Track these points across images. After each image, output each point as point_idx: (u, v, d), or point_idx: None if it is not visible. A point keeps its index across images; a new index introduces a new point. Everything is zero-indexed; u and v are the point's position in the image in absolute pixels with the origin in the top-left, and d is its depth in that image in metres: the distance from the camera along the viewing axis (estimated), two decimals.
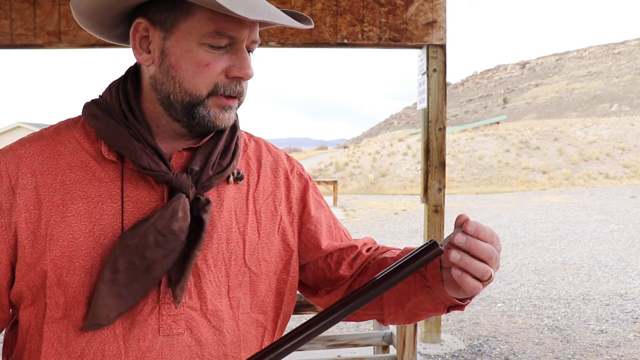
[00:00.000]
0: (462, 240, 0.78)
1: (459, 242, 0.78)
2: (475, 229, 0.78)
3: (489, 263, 0.78)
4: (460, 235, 0.78)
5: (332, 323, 0.79)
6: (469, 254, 0.78)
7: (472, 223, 0.78)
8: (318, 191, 1.12)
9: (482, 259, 0.78)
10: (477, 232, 0.78)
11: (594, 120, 39.14)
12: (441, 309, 0.91)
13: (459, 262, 0.78)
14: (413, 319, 0.99)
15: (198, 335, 0.90)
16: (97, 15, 0.92)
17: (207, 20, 0.85)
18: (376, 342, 3.55)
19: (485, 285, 0.80)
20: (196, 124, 0.90)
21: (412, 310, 0.96)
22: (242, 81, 0.91)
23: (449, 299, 0.88)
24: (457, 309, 0.91)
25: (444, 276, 0.87)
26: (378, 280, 0.80)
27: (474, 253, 0.78)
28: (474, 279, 0.78)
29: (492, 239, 0.79)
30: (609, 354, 4.57)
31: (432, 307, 0.92)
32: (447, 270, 0.85)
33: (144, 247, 0.85)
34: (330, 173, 31.23)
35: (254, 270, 0.96)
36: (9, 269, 0.89)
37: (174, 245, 0.87)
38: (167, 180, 0.89)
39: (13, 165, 0.90)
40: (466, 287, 0.79)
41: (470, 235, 0.78)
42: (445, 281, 0.87)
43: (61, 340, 0.87)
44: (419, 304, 0.93)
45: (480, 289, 0.80)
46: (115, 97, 0.93)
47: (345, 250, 1.05)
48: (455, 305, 0.89)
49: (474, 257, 0.78)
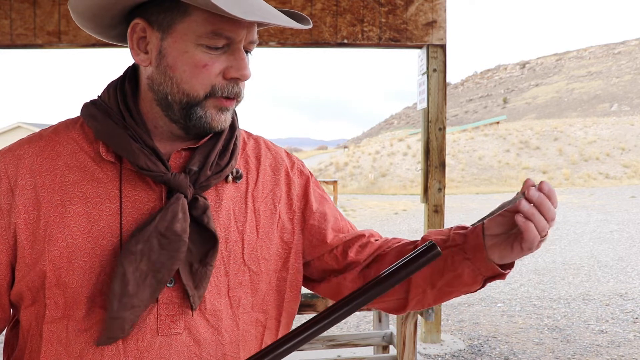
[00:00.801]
0: (535, 195, 0.82)
1: (531, 196, 0.82)
2: (549, 190, 0.83)
3: (550, 224, 0.83)
4: (534, 190, 0.82)
5: (332, 324, 0.79)
6: (538, 210, 0.82)
7: (547, 183, 0.83)
8: (320, 186, 1.11)
9: (547, 218, 0.82)
10: (549, 192, 0.83)
11: (594, 120, 39.15)
12: (479, 281, 0.92)
13: (527, 211, 0.81)
14: (442, 299, 0.98)
15: (197, 335, 0.90)
16: (95, 17, 0.92)
17: (204, 21, 0.85)
18: (376, 342, 3.55)
19: (539, 246, 0.84)
20: (193, 125, 0.90)
21: (443, 288, 0.96)
22: (239, 82, 0.91)
23: (491, 268, 0.89)
24: (497, 278, 0.92)
25: (488, 244, 0.88)
26: (375, 282, 0.80)
27: (541, 209, 0.82)
28: (535, 230, 0.82)
29: (557, 205, 0.84)
30: (609, 354, 4.57)
31: (469, 280, 0.92)
32: (492, 237, 0.88)
33: (149, 251, 0.85)
34: (330, 173, 31.23)
35: (253, 269, 0.96)
36: (8, 270, 0.89)
37: (177, 246, 0.87)
38: (166, 181, 0.89)
39: (12, 166, 0.90)
40: (528, 234, 0.82)
41: (543, 194, 0.82)
42: (490, 248, 0.88)
43: (61, 340, 0.87)
44: (454, 280, 0.93)
45: (536, 245, 0.83)
46: (113, 97, 0.93)
47: (352, 240, 1.05)
48: (494, 276, 0.91)
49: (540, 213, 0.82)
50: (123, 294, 0.84)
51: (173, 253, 0.86)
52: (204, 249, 0.90)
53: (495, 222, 0.88)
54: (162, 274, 0.86)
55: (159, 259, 0.85)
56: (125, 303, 0.84)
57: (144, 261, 0.85)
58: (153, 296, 0.86)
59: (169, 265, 0.86)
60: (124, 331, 0.85)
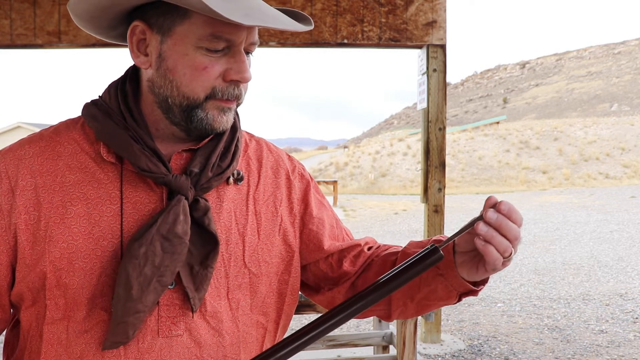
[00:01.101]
0: (493, 217, 0.79)
1: (489, 218, 0.79)
2: (509, 210, 0.80)
3: (512, 243, 0.81)
4: (492, 212, 0.80)
5: (333, 327, 0.79)
6: (498, 232, 0.80)
7: (506, 203, 0.80)
8: (320, 191, 1.11)
9: (508, 238, 0.80)
10: (509, 212, 0.80)
11: (594, 120, 39.15)
12: (453, 296, 0.91)
13: (485, 234, 0.79)
14: (422, 311, 0.99)
15: (197, 337, 0.90)
16: (93, 19, 0.92)
17: (204, 24, 0.84)
18: (376, 342, 3.55)
19: (505, 264, 0.82)
20: (194, 127, 0.90)
21: (422, 302, 0.96)
22: (240, 84, 0.90)
23: (463, 285, 0.89)
24: (471, 295, 0.91)
25: (458, 261, 0.88)
26: (378, 285, 0.80)
27: (502, 231, 0.80)
28: (496, 252, 0.80)
29: (521, 222, 0.82)
30: (609, 354, 4.57)
31: (444, 295, 0.92)
32: (461, 254, 0.87)
33: (153, 254, 0.84)
34: (330, 173, 31.23)
35: (253, 272, 0.96)
36: (9, 270, 0.89)
37: (179, 248, 0.86)
38: (166, 182, 0.88)
39: (13, 167, 0.90)
40: (489, 257, 0.80)
41: (502, 214, 0.80)
42: (460, 265, 0.88)
43: (61, 341, 0.87)
44: (430, 294, 0.93)
45: (500, 265, 0.81)
46: (114, 98, 0.93)
47: (347, 249, 1.05)
48: (468, 291, 0.90)
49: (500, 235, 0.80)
50: (127, 298, 0.83)
51: (175, 256, 0.86)
52: (205, 250, 0.90)
53: (464, 239, 0.87)
54: (165, 278, 0.86)
55: (162, 262, 0.85)
56: (129, 308, 0.83)
57: (147, 265, 0.84)
58: (156, 299, 0.86)
59: (172, 268, 0.86)
60: (129, 336, 0.85)
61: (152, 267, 0.84)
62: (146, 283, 0.84)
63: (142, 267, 0.84)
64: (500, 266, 0.81)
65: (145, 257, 0.84)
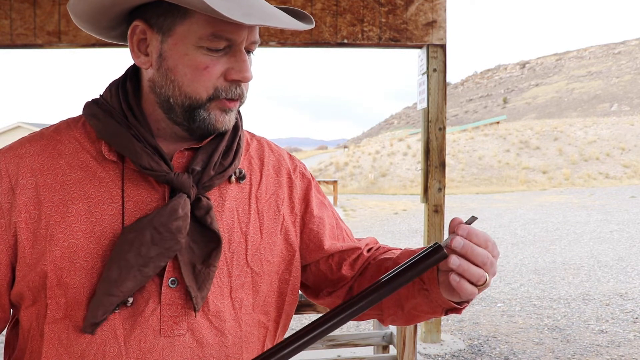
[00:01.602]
0: (459, 244, 0.78)
1: (456, 246, 0.78)
2: (467, 233, 0.79)
3: (483, 268, 0.79)
4: (458, 239, 0.78)
5: (335, 327, 0.78)
6: (465, 259, 0.78)
7: (464, 227, 0.79)
8: (321, 191, 1.11)
9: (477, 264, 0.79)
10: (469, 236, 0.79)
11: (594, 120, 39.15)
12: (439, 311, 0.91)
13: (458, 267, 0.78)
14: (412, 321, 0.99)
15: (199, 336, 0.89)
16: (93, 19, 0.91)
17: (204, 23, 0.84)
18: (376, 342, 3.55)
19: (480, 291, 0.81)
20: (197, 127, 0.90)
21: (410, 312, 0.96)
22: (241, 84, 0.90)
23: (446, 302, 0.88)
24: (455, 312, 0.90)
25: (440, 279, 0.86)
26: (381, 284, 0.80)
27: (469, 257, 0.78)
28: (470, 285, 0.79)
29: (487, 244, 0.80)
30: (609, 354, 4.57)
31: (429, 310, 0.92)
32: (444, 273, 0.86)
33: (140, 243, 0.84)
34: (330, 173, 31.24)
35: (256, 271, 0.96)
36: (9, 270, 0.89)
37: (170, 244, 0.86)
38: (168, 181, 0.88)
39: (13, 165, 0.89)
40: (463, 292, 0.80)
41: (467, 240, 0.78)
42: (442, 284, 0.86)
43: (62, 341, 0.86)
44: (417, 306, 0.93)
45: (476, 294, 0.80)
46: (116, 96, 0.92)
47: (347, 251, 1.05)
48: (452, 308, 0.89)
49: (470, 262, 0.78)
50: (106, 278, 0.83)
51: (163, 250, 0.85)
52: (207, 249, 0.89)
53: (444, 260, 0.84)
54: (147, 269, 0.85)
55: (147, 253, 0.84)
56: (105, 288, 0.83)
57: (132, 252, 0.84)
58: (134, 288, 0.85)
59: (157, 261, 0.85)
60: (97, 316, 0.84)
61: (137, 255, 0.84)
62: (126, 269, 0.83)
63: (125, 252, 0.84)
64: (476, 295, 0.80)
65: (131, 243, 0.84)
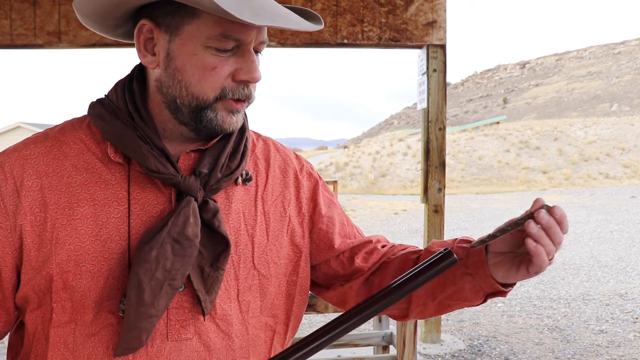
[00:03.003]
0: (545, 218, 0.80)
1: (541, 219, 0.80)
2: (561, 215, 0.81)
3: (557, 247, 0.81)
4: (544, 213, 0.80)
5: (345, 332, 0.78)
6: (546, 233, 0.80)
7: (559, 208, 0.81)
8: (328, 190, 1.10)
9: (554, 242, 0.81)
10: (561, 218, 0.81)
11: (594, 120, 39.15)
12: (479, 297, 0.91)
13: (536, 233, 0.79)
14: (443, 311, 0.98)
15: (207, 340, 0.89)
16: (100, 17, 0.90)
17: (213, 23, 0.83)
18: (376, 342, 3.55)
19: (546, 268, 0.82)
20: (203, 127, 0.89)
21: (444, 301, 0.95)
22: (249, 84, 0.89)
23: (492, 285, 0.88)
24: (498, 296, 0.91)
25: (491, 261, 0.87)
26: (393, 288, 0.80)
27: (549, 233, 0.80)
28: (545, 254, 0.80)
29: (567, 230, 0.82)
30: (609, 354, 4.57)
31: (469, 296, 0.91)
32: (496, 255, 0.87)
33: (164, 258, 0.83)
34: (330, 173, 31.23)
35: (263, 273, 0.95)
36: (14, 273, 0.88)
37: (190, 251, 0.85)
38: (175, 183, 0.87)
39: (18, 167, 0.88)
40: (537, 259, 0.80)
41: (554, 218, 0.80)
42: (494, 265, 0.87)
43: (68, 345, 0.86)
44: (455, 293, 0.92)
45: (545, 268, 0.82)
46: (122, 97, 0.91)
47: (358, 246, 1.04)
48: (495, 292, 0.90)
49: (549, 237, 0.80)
50: (140, 303, 0.82)
51: (186, 259, 0.84)
52: (215, 252, 0.89)
53: (501, 239, 0.86)
54: (176, 281, 0.84)
55: (173, 265, 0.83)
56: (142, 313, 0.82)
57: (159, 269, 0.82)
58: (167, 303, 0.84)
59: (183, 271, 0.85)
60: (142, 342, 0.83)
61: (164, 270, 0.83)
62: (158, 287, 0.82)
63: (153, 271, 0.82)
64: (546, 267, 0.82)
65: (157, 260, 0.82)
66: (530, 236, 0.80)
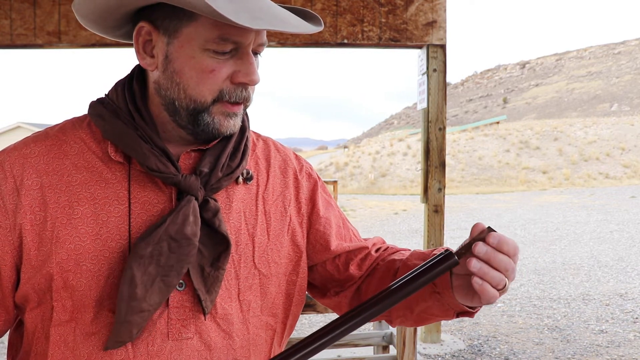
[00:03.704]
0: (482, 251, 0.78)
1: (479, 253, 0.78)
2: (498, 242, 0.78)
3: (505, 274, 0.79)
4: (482, 245, 0.78)
5: (346, 332, 0.78)
6: (488, 264, 0.78)
7: (495, 236, 0.78)
8: (327, 191, 1.10)
9: (500, 270, 0.78)
10: (499, 245, 0.78)
11: (594, 120, 39.16)
12: (450, 314, 0.91)
13: (478, 271, 0.77)
14: (421, 323, 0.98)
15: (207, 339, 0.89)
16: (99, 19, 0.90)
17: (211, 26, 0.83)
18: (376, 342, 3.55)
19: (500, 295, 0.81)
20: (201, 131, 0.89)
21: (420, 314, 0.95)
22: (248, 86, 0.89)
23: (458, 306, 0.88)
24: (467, 316, 0.90)
25: (454, 283, 0.86)
26: (393, 290, 0.80)
27: (492, 264, 0.78)
28: (492, 288, 0.79)
29: (515, 251, 0.79)
30: (609, 354, 4.58)
31: (440, 313, 0.92)
32: (459, 277, 0.86)
33: (159, 254, 0.83)
34: (330, 173, 31.23)
35: (263, 272, 0.95)
36: (13, 271, 0.88)
37: (187, 250, 0.85)
38: (176, 182, 0.87)
39: (18, 166, 0.88)
40: (485, 295, 0.79)
41: (491, 247, 0.78)
42: (455, 288, 0.86)
43: (68, 344, 0.86)
44: (428, 309, 0.93)
45: (497, 298, 0.80)
46: (122, 97, 0.91)
47: (354, 251, 1.04)
48: (464, 311, 0.89)
49: (492, 267, 0.78)
50: (131, 297, 0.82)
51: (182, 257, 0.85)
52: (216, 252, 0.89)
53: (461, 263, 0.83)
54: (170, 278, 0.84)
55: (167, 262, 0.84)
56: (134, 307, 0.82)
57: (152, 265, 0.83)
58: (162, 300, 0.85)
59: (178, 268, 0.85)
60: (132, 336, 0.83)
61: (157, 266, 0.83)
62: (150, 282, 0.83)
63: (146, 266, 0.83)
64: (497, 298, 0.80)
65: (151, 256, 0.83)
66: (474, 274, 0.78)
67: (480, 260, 0.78)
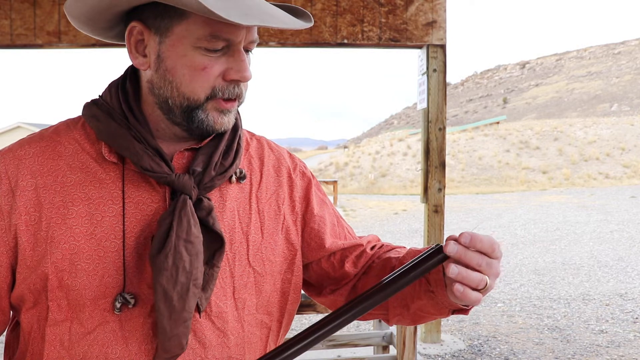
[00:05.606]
0: (453, 250, 0.77)
1: (450, 252, 0.77)
2: (471, 240, 0.77)
3: (480, 270, 0.78)
4: (452, 244, 0.77)
5: (338, 327, 0.78)
6: (460, 263, 0.78)
7: (466, 234, 0.77)
8: (321, 189, 1.11)
9: (473, 267, 0.78)
10: (472, 242, 0.77)
11: (594, 120, 39.18)
12: (445, 312, 0.91)
13: (457, 276, 0.77)
14: (418, 321, 0.99)
15: (202, 337, 0.89)
16: (90, 20, 0.91)
17: (202, 24, 0.83)
18: (376, 342, 3.55)
19: (484, 294, 0.80)
20: (195, 127, 0.89)
21: (416, 312, 0.96)
22: (240, 83, 0.89)
23: (452, 304, 0.88)
24: (462, 313, 0.90)
25: (447, 281, 0.86)
26: (384, 285, 0.80)
27: (463, 261, 0.78)
28: (474, 292, 0.78)
29: (493, 247, 0.78)
30: (609, 354, 4.57)
31: (435, 311, 0.92)
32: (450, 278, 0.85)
33: (181, 260, 0.84)
34: (330, 173, 31.25)
35: (258, 271, 0.95)
36: (9, 272, 0.88)
37: (198, 247, 0.86)
38: (169, 182, 0.88)
39: (12, 167, 0.88)
40: (468, 300, 0.79)
41: (463, 245, 0.77)
42: (448, 286, 0.86)
43: (64, 343, 0.86)
44: (423, 307, 0.93)
45: (482, 299, 0.80)
46: (115, 97, 0.92)
47: (349, 248, 1.04)
48: (459, 309, 0.89)
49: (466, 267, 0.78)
50: (172, 312, 0.83)
51: (199, 256, 0.86)
52: (210, 250, 0.89)
53: None
54: (198, 280, 0.86)
55: (192, 265, 0.85)
56: (177, 319, 0.83)
57: (180, 273, 0.83)
58: (194, 305, 0.86)
59: (200, 268, 0.86)
60: (183, 347, 0.85)
61: (185, 272, 0.84)
62: (185, 291, 0.84)
63: (175, 276, 0.83)
64: (481, 299, 0.80)
65: (175, 265, 0.83)
66: (453, 281, 0.78)
67: (457, 265, 0.77)
